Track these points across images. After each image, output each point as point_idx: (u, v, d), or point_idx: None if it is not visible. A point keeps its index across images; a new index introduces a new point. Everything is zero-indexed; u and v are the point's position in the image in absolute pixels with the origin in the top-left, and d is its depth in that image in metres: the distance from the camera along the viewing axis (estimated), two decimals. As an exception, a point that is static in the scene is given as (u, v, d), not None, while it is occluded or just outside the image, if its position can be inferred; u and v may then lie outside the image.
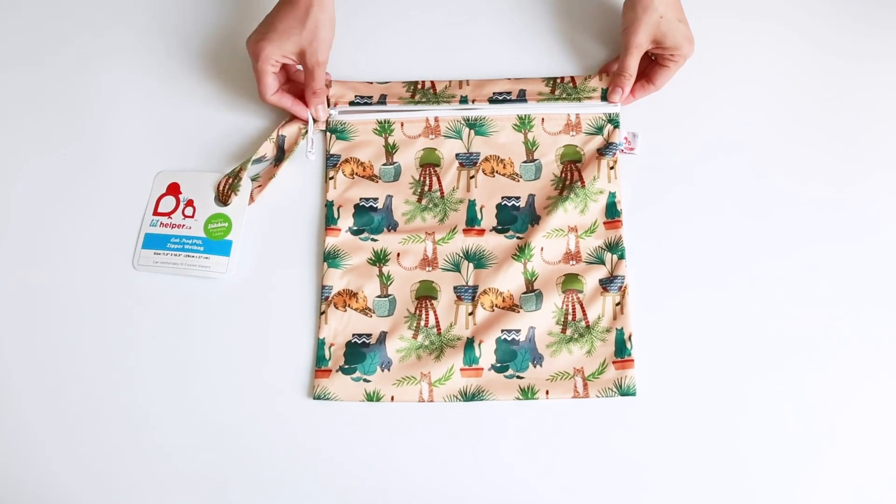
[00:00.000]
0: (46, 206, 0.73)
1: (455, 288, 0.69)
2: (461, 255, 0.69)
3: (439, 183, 0.72)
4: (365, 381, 0.66)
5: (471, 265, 0.69)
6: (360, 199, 0.72)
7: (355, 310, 0.68)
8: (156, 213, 0.72)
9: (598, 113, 0.73)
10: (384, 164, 0.72)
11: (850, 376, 0.67)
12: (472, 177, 0.71)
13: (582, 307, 0.68)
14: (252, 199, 0.72)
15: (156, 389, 0.68)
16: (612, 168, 0.71)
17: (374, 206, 0.71)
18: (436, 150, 0.72)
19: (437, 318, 0.68)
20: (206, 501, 0.65)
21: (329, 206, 0.71)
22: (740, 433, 0.66)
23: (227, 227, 0.71)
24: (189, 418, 0.67)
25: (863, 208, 0.72)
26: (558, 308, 0.68)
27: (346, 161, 0.73)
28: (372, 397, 0.66)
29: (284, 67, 0.72)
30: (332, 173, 0.72)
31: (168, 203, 0.72)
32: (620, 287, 0.68)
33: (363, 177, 0.72)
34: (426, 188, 0.72)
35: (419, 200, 0.72)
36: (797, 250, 0.71)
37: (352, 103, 0.74)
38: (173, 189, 0.73)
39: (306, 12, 0.69)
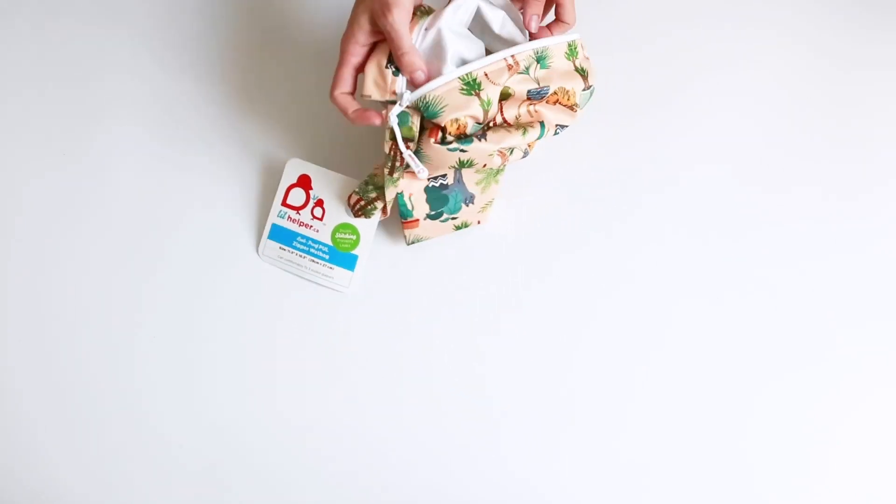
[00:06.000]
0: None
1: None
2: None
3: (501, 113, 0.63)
4: (452, 218, 0.69)
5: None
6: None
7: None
8: (285, 203, 0.71)
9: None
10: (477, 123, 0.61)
11: (846, 392, 0.68)
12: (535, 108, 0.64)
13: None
14: (386, 212, 0.67)
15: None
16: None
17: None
18: (509, 88, 0.62)
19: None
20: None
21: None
22: (730, 450, 0.68)
23: (354, 240, 0.71)
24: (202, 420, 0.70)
25: (863, 219, 0.70)
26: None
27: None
28: (461, 227, 0.70)
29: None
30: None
31: (297, 196, 0.71)
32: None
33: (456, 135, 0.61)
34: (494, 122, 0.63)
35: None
36: (789, 264, 0.69)
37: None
38: (304, 182, 0.71)
39: None
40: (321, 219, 0.71)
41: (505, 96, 0.61)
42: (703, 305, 0.70)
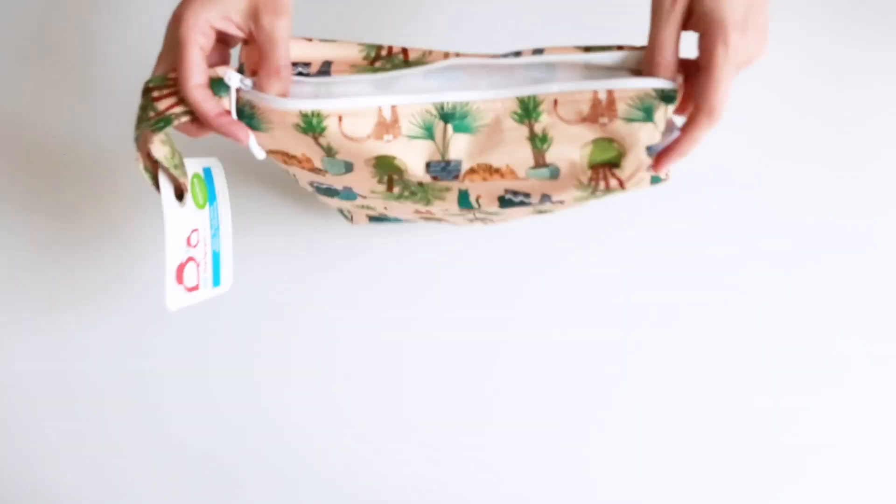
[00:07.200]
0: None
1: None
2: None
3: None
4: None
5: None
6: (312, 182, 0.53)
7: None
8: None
9: (642, 88, 0.43)
10: (327, 157, 0.48)
11: (844, 394, 0.68)
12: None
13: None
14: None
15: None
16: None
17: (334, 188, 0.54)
18: (395, 158, 0.46)
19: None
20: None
21: None
22: (728, 452, 0.68)
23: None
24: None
25: (863, 222, 0.68)
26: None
27: (272, 153, 0.49)
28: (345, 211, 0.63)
29: (222, 42, 0.47)
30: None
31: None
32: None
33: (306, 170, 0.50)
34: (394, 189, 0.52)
35: (389, 189, 0.50)
36: (787, 267, 0.69)
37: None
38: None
39: None
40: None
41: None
42: (702, 307, 0.70)
